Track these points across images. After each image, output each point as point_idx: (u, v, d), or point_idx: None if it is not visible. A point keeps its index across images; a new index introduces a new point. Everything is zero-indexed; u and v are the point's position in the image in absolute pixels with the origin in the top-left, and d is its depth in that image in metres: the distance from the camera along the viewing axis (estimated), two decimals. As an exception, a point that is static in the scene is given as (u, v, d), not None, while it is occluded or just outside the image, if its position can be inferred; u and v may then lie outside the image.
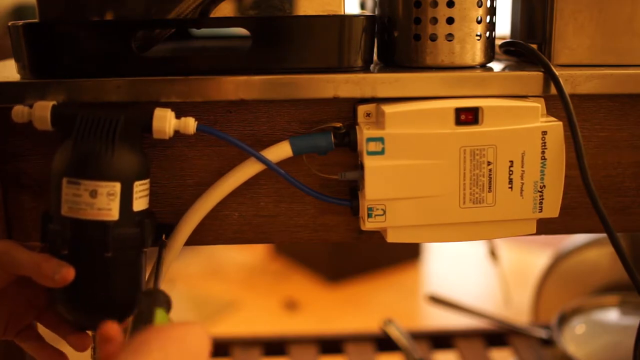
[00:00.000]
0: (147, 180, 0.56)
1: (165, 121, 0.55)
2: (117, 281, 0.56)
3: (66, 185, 0.53)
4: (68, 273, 0.53)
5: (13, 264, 0.54)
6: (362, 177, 0.57)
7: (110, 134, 0.54)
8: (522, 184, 0.58)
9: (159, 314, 0.47)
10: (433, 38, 0.59)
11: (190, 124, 0.56)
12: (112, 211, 0.53)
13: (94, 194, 0.53)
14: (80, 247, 0.54)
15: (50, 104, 0.55)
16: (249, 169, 0.59)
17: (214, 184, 0.59)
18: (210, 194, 0.59)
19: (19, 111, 0.56)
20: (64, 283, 0.53)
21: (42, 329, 0.61)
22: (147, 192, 0.56)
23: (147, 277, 0.58)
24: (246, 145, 0.58)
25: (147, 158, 0.57)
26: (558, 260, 1.44)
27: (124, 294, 0.56)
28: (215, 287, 2.19)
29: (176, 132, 0.56)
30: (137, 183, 0.55)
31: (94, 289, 0.55)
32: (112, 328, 0.44)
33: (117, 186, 0.53)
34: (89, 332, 0.58)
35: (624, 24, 0.61)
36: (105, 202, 0.53)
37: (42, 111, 0.55)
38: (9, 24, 0.58)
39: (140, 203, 0.55)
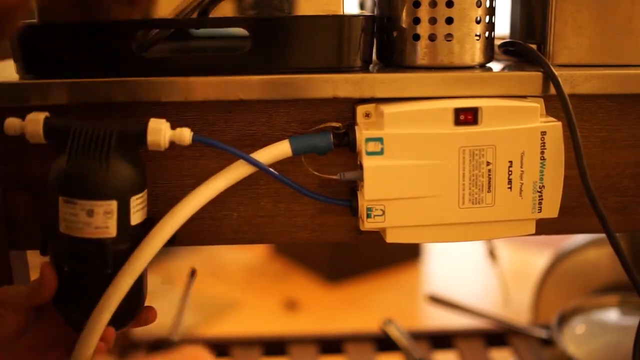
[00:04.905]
0: (144, 192, 0.55)
1: (160, 134, 0.54)
2: None
3: (62, 204, 0.53)
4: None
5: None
6: (361, 178, 0.57)
7: (104, 150, 0.52)
8: (522, 184, 0.58)
9: None
10: (432, 38, 0.59)
11: (185, 135, 0.55)
12: (109, 229, 0.53)
13: (90, 213, 0.52)
14: (81, 264, 0.54)
15: (42, 117, 0.54)
16: (243, 170, 0.58)
17: (205, 182, 0.57)
18: (199, 191, 0.57)
19: (11, 125, 0.54)
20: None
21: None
22: (144, 204, 0.56)
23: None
24: (243, 153, 0.57)
25: (143, 168, 0.56)
26: (558, 260, 1.44)
27: (128, 304, 0.55)
28: (215, 287, 2.19)
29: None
30: (133, 198, 0.54)
31: (97, 300, 0.55)
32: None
33: (113, 204, 0.53)
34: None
35: (623, 24, 0.61)
36: (102, 220, 0.53)
37: (34, 126, 0.54)
38: (9, 24, 0.58)
39: (138, 216, 0.55)
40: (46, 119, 0.54)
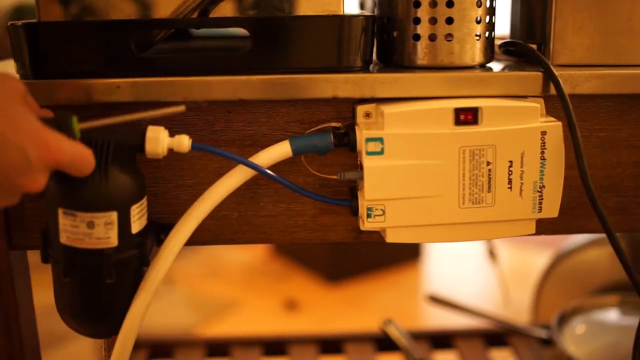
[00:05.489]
0: (143, 200, 0.55)
1: (158, 143, 0.54)
2: (121, 299, 0.56)
3: (62, 216, 0.52)
4: None
5: None
6: (361, 177, 0.57)
7: (102, 162, 0.52)
8: (522, 184, 0.58)
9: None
10: (432, 38, 0.59)
11: (184, 143, 0.55)
12: (110, 239, 0.53)
13: (91, 225, 0.52)
14: (82, 275, 0.54)
15: None
16: (244, 173, 0.58)
17: (212, 186, 0.58)
18: (207, 196, 0.58)
19: None
20: None
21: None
22: (144, 211, 0.56)
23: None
24: (243, 158, 0.57)
25: (142, 176, 0.56)
26: (558, 260, 1.43)
27: (128, 307, 0.56)
28: (215, 287, 2.19)
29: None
30: (133, 207, 0.54)
31: (99, 308, 0.55)
32: None
33: (113, 215, 0.53)
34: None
35: (623, 24, 0.61)
36: (103, 231, 0.52)
37: None
38: (9, 24, 0.58)
39: (138, 224, 0.55)
40: None
